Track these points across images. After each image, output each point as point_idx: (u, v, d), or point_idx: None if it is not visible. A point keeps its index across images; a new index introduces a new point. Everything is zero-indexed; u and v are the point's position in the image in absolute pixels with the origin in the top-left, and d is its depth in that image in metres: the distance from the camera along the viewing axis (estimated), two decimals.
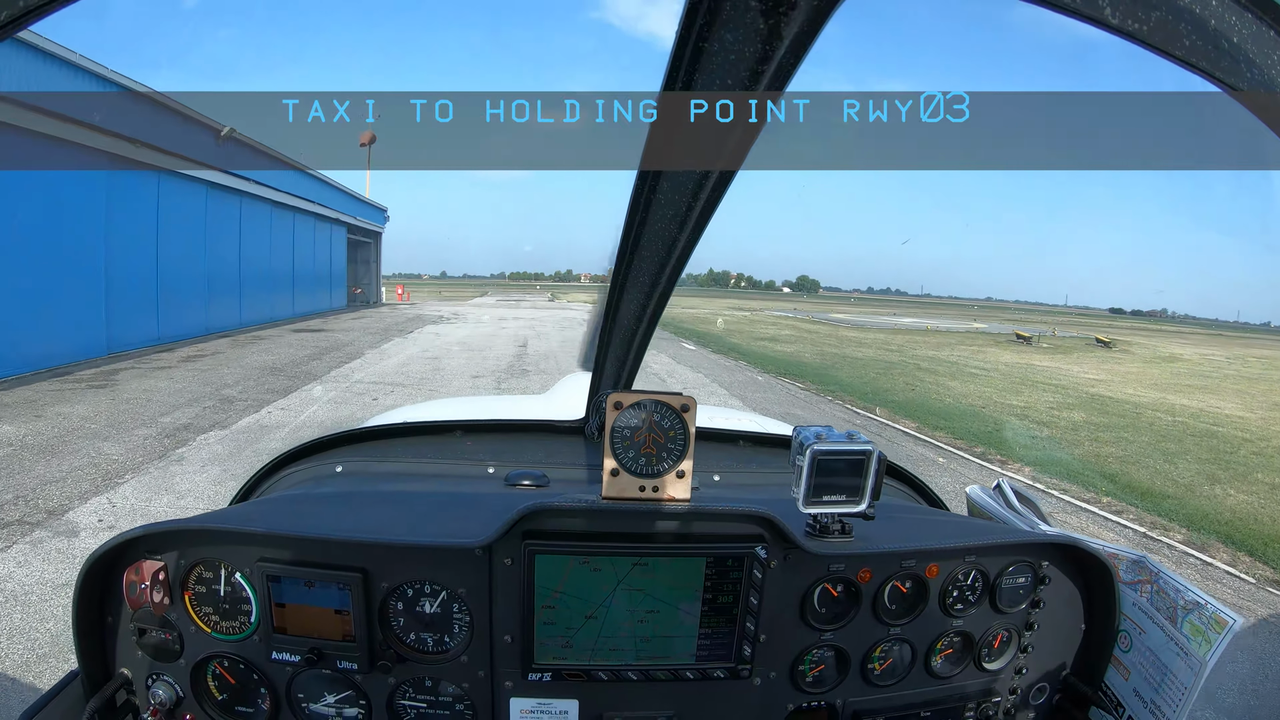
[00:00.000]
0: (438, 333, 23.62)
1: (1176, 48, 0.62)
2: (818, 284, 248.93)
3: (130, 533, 1.27)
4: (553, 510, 1.24)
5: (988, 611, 1.45)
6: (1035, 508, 1.68)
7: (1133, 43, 0.64)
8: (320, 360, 15.21)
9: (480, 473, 1.83)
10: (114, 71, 15.03)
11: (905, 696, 1.45)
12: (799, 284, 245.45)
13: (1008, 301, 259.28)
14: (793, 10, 0.64)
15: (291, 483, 1.83)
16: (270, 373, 13.16)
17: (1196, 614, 1.33)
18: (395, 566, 1.29)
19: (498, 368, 15.24)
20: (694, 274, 39.45)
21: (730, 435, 2.12)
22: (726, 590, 1.28)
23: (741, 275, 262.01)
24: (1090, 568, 1.46)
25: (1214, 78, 0.64)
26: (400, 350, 17.78)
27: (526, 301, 62.97)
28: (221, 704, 1.36)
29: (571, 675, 1.30)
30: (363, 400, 10.88)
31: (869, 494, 1.29)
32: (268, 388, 11.60)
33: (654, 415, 1.24)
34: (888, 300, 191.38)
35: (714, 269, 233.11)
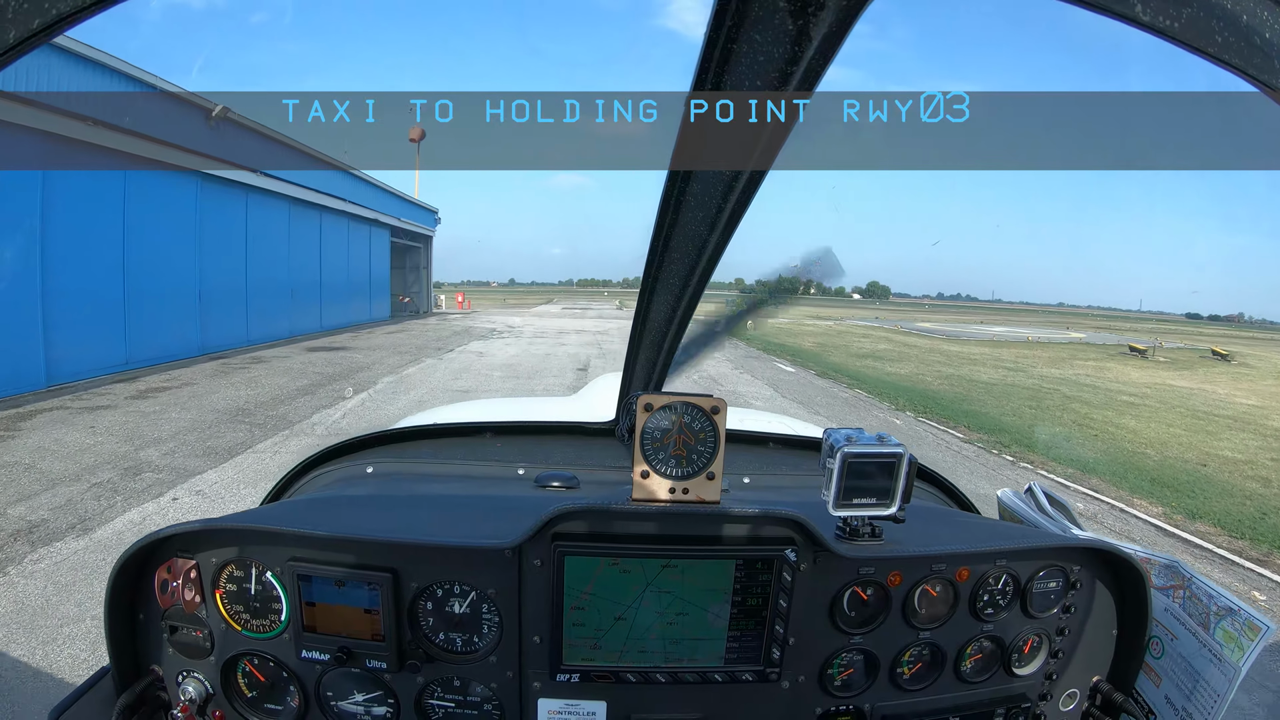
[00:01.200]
0: (482, 351, 20.29)
1: (1209, 45, 0.63)
2: (888, 290, 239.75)
3: (162, 531, 1.29)
4: (582, 512, 1.24)
5: (1018, 616, 1.43)
6: (1067, 511, 1.66)
7: (1165, 40, 0.65)
8: (311, 396, 12.03)
9: (510, 474, 1.84)
10: (146, 71, 14.46)
11: (934, 701, 1.43)
12: (869, 290, 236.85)
13: (1080, 307, 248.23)
14: (821, 10, 0.65)
15: (322, 483, 1.85)
16: (229, 419, 9.85)
17: (1230, 620, 1.31)
18: (425, 567, 1.30)
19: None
20: (763, 279, 38.87)
21: (760, 437, 2.12)
22: (755, 593, 1.28)
23: (810, 280, 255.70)
24: (1123, 572, 1.44)
25: (1247, 75, 0.64)
26: (425, 379, 14.45)
27: (592, 310, 57.18)
28: (251, 701, 1.37)
29: (600, 676, 1.30)
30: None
31: (899, 497, 1.28)
32: (207, 446, 8.36)
33: (684, 417, 1.25)
34: (960, 306, 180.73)
35: (783, 275, 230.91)
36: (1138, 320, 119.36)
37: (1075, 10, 0.63)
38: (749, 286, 1.52)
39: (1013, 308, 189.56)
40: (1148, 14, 0.62)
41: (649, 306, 1.38)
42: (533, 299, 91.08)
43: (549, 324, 34.16)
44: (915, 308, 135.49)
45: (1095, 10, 0.63)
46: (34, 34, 0.50)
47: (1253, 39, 0.61)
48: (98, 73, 13.35)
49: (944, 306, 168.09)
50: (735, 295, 1.57)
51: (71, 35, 8.79)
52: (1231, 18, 0.61)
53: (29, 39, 0.50)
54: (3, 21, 0.48)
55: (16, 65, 0.54)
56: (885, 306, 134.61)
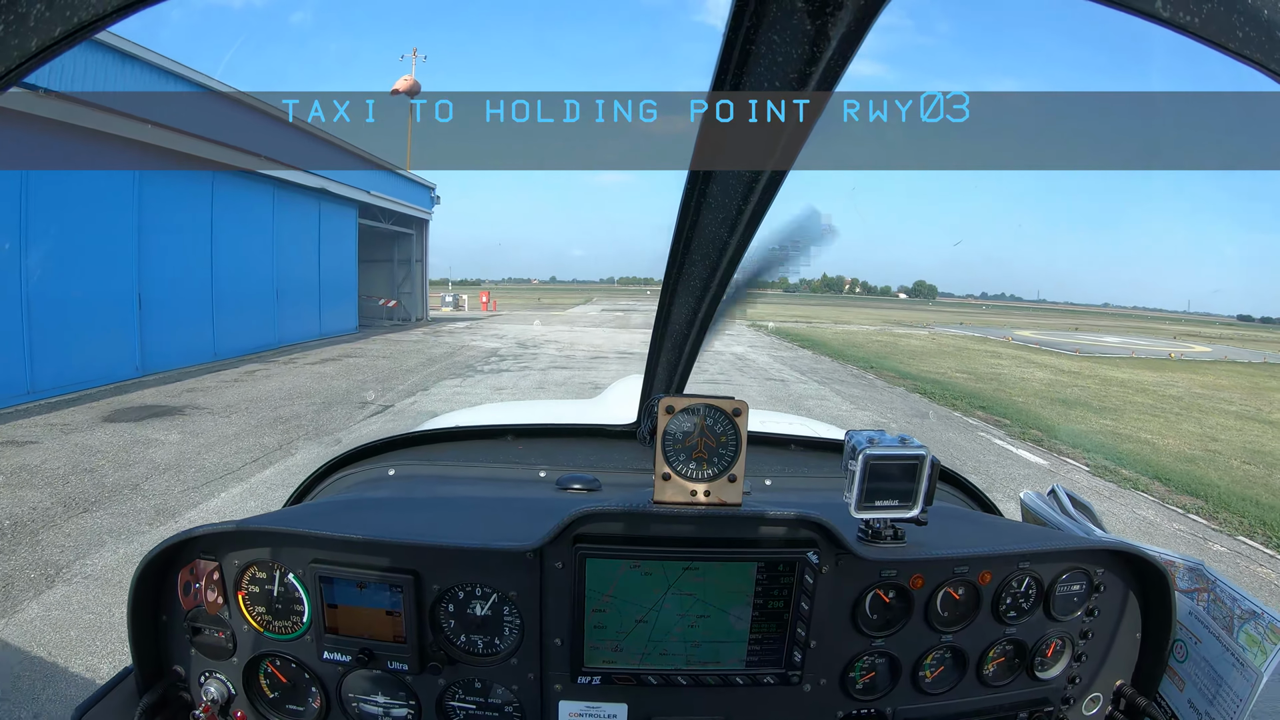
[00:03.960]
0: (450, 404, 11.20)
1: (1230, 40, 0.64)
2: (935, 290, 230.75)
3: (186, 533, 1.31)
4: (604, 514, 1.25)
5: (1041, 619, 1.42)
6: (1090, 513, 1.65)
7: (1185, 36, 0.66)
8: None
9: (532, 476, 1.85)
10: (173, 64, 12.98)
11: (956, 705, 1.42)
12: (915, 289, 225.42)
13: (1127, 308, 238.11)
14: (839, 10, 0.66)
15: (345, 485, 1.86)
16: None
17: (1253, 623, 1.30)
18: (446, 569, 1.30)
19: None
20: (806, 279, 36.30)
21: (782, 439, 2.12)
22: (777, 595, 1.27)
23: (855, 280, 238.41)
24: (1147, 575, 1.43)
25: (1269, 69, 0.65)
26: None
27: (637, 312, 45.08)
28: (273, 702, 1.37)
29: (621, 679, 1.29)
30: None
31: (922, 499, 1.28)
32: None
33: (706, 419, 1.25)
34: (1009, 307, 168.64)
35: (827, 274, 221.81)
36: (1185, 322, 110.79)
37: (1093, 7, 0.64)
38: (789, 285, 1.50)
39: (1055, 309, 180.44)
40: (1168, 10, 0.62)
41: (670, 308, 1.39)
42: (570, 298, 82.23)
43: (581, 336, 25.25)
44: (966, 308, 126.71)
45: (1117, 7, 0.64)
46: (56, 41, 0.51)
47: (1275, 34, 0.62)
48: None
49: (1002, 307, 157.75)
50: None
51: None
52: (1252, 12, 0.61)
53: (51, 46, 0.52)
54: (25, 29, 0.49)
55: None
56: (935, 308, 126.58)
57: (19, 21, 0.49)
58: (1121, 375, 21.86)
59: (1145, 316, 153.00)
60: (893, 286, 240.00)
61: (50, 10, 0.50)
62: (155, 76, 13.49)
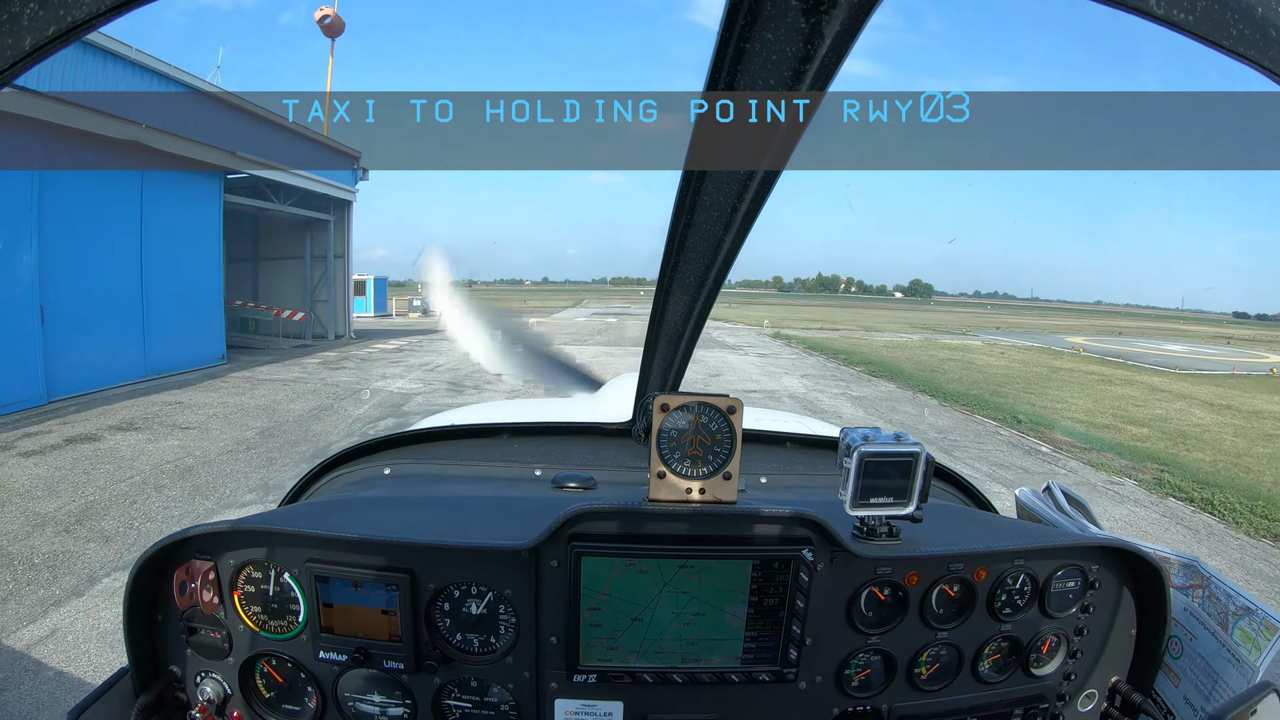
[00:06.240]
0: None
1: (1224, 38, 0.64)
2: (931, 288, 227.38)
3: (181, 533, 1.30)
4: (599, 513, 1.25)
5: (1037, 616, 1.43)
6: (1085, 510, 1.65)
7: (1179, 34, 0.66)
8: None
9: (527, 475, 1.85)
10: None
11: (952, 702, 1.42)
12: (911, 288, 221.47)
13: (1119, 305, 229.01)
14: (833, 9, 0.65)
15: (340, 485, 1.86)
16: None
17: (1247, 620, 1.31)
18: (442, 568, 1.30)
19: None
20: (802, 278, 34.52)
21: (777, 437, 2.12)
22: (772, 593, 1.27)
23: (851, 279, 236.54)
24: (1142, 572, 1.44)
25: (1262, 67, 0.65)
26: None
27: (632, 316, 38.97)
28: (269, 702, 1.37)
29: (617, 677, 1.30)
30: None
31: (917, 496, 1.28)
32: None
33: (701, 417, 1.25)
34: (1004, 305, 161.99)
35: (822, 273, 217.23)
36: (1181, 319, 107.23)
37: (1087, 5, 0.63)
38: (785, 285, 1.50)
39: (1049, 306, 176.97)
40: (1161, 7, 0.62)
41: (665, 307, 1.39)
42: (559, 300, 74.22)
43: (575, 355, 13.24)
44: (965, 307, 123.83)
45: (1111, 5, 0.64)
46: (49, 40, 0.51)
47: (1269, 31, 0.62)
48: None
49: (1004, 306, 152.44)
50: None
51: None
52: (1246, 10, 0.61)
53: (45, 46, 0.52)
54: (18, 29, 0.49)
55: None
56: (932, 307, 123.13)
57: (12, 21, 0.49)
58: (1180, 386, 16.94)
59: (1144, 315, 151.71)
60: (888, 285, 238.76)
61: (44, 10, 0.50)
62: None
